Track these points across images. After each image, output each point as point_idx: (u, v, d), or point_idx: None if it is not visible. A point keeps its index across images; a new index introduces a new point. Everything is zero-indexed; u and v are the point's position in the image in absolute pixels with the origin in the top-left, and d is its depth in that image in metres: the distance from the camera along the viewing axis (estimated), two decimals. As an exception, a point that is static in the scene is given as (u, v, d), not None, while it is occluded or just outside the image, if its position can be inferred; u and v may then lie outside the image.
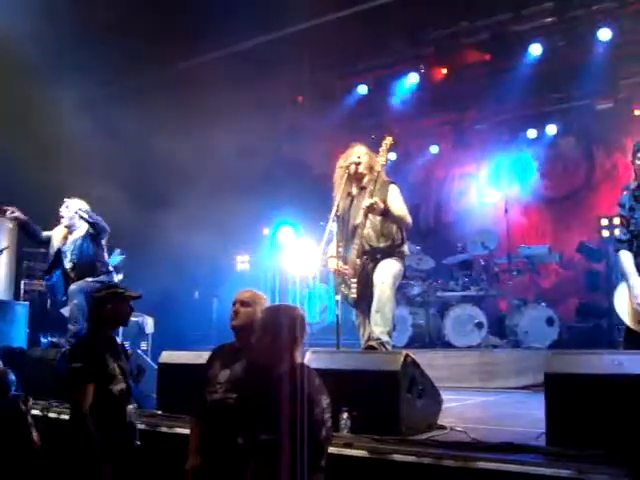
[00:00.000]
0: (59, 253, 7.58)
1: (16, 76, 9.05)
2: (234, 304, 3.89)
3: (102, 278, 7.48)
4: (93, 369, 3.98)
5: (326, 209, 5.99)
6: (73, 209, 7.51)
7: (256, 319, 3.72)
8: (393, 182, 5.75)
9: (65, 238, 7.60)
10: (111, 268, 7.71)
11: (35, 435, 4.99)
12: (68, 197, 7.63)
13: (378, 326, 5.39)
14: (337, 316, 5.45)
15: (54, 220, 7.67)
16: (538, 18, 10.63)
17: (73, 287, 7.37)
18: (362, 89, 12.55)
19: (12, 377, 5.14)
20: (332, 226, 5.65)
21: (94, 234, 7.45)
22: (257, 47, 10.78)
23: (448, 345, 9.27)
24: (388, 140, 5.71)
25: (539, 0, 10.36)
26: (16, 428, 4.91)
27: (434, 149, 13.19)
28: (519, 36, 10.87)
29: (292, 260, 12.85)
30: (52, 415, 5.69)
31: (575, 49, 10.63)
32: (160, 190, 11.18)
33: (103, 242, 7.63)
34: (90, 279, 7.43)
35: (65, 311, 7.42)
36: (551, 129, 12.00)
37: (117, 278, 7.76)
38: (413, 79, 12.05)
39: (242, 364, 3.71)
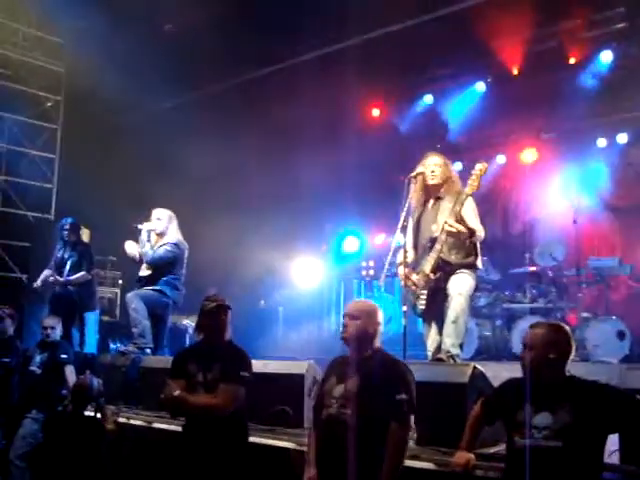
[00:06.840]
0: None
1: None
2: (344, 317, 3.93)
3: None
4: None
5: (391, 219, 5.97)
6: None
7: (367, 330, 3.81)
8: (470, 195, 5.62)
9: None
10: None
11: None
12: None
13: (450, 337, 5.33)
14: (404, 327, 5.40)
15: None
16: (609, 24, 10.42)
17: (129, 295, 7.45)
18: (428, 98, 12.57)
19: (95, 386, 5.26)
20: (399, 236, 5.60)
21: None
22: (322, 58, 10.85)
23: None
24: (483, 166, 5.42)
25: (610, 5, 10.15)
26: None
27: (501, 159, 13.00)
28: (589, 42, 10.67)
29: (354, 270, 12.88)
30: (121, 420, 5.81)
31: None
32: (226, 199, 11.36)
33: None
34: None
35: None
36: (622, 138, 11.68)
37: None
38: (480, 88, 12.04)
39: (355, 380, 3.73)
